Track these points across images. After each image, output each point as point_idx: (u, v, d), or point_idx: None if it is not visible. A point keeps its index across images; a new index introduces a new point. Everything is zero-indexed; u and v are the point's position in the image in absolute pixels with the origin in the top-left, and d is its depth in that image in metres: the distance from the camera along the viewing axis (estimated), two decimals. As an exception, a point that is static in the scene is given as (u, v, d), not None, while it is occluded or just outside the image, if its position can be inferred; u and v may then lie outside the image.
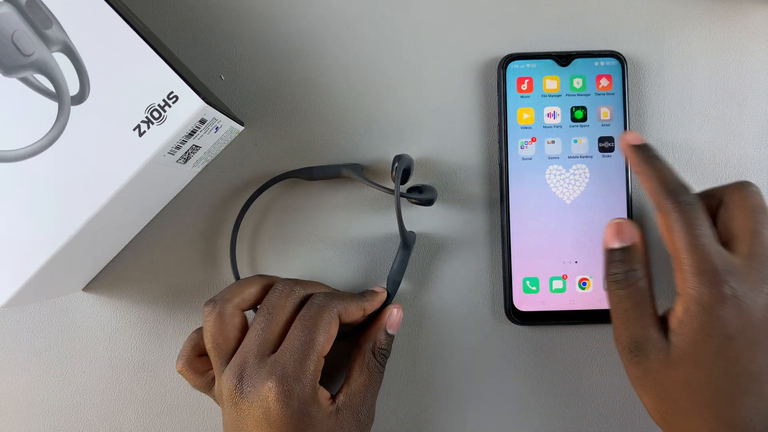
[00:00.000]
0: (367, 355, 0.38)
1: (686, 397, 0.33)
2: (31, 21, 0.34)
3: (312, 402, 0.34)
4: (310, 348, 0.34)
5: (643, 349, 0.34)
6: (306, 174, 0.41)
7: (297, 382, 0.34)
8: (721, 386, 0.32)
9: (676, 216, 0.34)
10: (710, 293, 0.32)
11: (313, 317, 0.35)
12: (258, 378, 0.34)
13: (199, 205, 0.42)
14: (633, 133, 0.37)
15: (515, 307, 0.41)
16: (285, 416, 0.33)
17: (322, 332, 0.35)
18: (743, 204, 0.35)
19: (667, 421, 0.34)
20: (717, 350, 0.32)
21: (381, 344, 0.38)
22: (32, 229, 0.34)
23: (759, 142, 0.42)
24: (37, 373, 0.42)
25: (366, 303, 0.38)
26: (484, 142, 0.42)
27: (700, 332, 0.32)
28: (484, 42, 0.42)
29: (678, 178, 0.35)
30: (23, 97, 0.34)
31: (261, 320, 0.36)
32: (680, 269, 0.33)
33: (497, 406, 0.42)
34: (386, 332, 0.39)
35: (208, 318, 0.36)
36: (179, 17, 0.42)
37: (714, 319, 0.32)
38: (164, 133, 0.34)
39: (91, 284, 0.42)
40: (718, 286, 0.32)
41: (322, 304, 0.36)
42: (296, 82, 0.42)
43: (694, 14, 0.42)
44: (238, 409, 0.34)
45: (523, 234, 0.41)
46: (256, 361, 0.34)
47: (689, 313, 0.33)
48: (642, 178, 0.36)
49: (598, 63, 0.41)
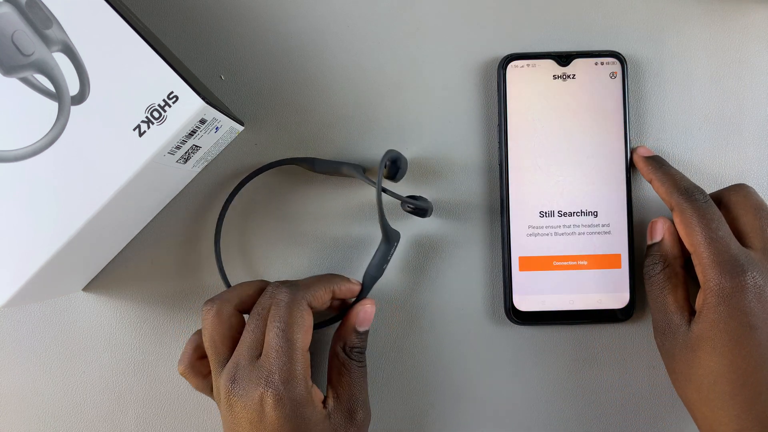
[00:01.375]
0: (341, 356, 0.37)
1: (709, 386, 0.34)
2: (31, 21, 0.34)
3: (306, 403, 0.34)
4: (290, 348, 0.34)
5: (666, 334, 0.36)
6: (308, 164, 0.41)
7: (287, 386, 0.33)
8: (744, 375, 0.33)
9: (691, 213, 0.35)
10: (731, 284, 0.33)
11: (284, 316, 0.35)
12: (249, 382, 0.34)
13: (199, 205, 0.42)
14: (644, 147, 0.40)
15: (515, 307, 0.41)
16: (279, 420, 0.33)
17: (297, 329, 0.34)
18: (746, 203, 0.36)
19: (696, 414, 0.35)
20: (738, 338, 0.33)
21: (352, 343, 0.38)
22: (32, 229, 0.34)
23: (759, 142, 0.42)
24: (37, 373, 0.42)
25: (334, 285, 0.37)
26: (484, 142, 0.42)
27: (718, 321, 0.33)
28: (484, 42, 0.42)
29: (690, 181, 0.37)
30: (23, 97, 0.34)
31: (251, 322, 0.36)
32: (700, 263, 0.35)
33: (497, 406, 0.42)
34: (356, 331, 0.38)
35: (207, 317, 0.36)
36: (179, 17, 0.42)
37: (733, 309, 0.33)
38: (164, 133, 0.34)
39: (91, 284, 0.42)
40: (739, 276, 0.33)
41: (289, 300, 0.35)
42: (296, 82, 0.42)
43: (694, 14, 0.42)
44: (233, 411, 0.34)
45: (523, 234, 0.41)
46: (247, 364, 0.34)
47: (708, 303, 0.34)
48: (656, 183, 0.38)
49: (598, 63, 0.41)
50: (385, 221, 0.38)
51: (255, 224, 0.42)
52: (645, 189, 0.42)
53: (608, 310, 0.41)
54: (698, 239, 0.35)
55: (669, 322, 0.36)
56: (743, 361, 0.33)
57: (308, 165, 0.41)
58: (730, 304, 0.33)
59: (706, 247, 0.34)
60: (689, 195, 0.36)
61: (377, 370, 0.42)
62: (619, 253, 0.40)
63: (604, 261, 0.40)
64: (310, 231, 0.42)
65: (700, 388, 0.34)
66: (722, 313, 0.33)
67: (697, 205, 0.36)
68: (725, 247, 0.34)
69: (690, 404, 0.36)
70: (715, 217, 0.35)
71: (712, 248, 0.34)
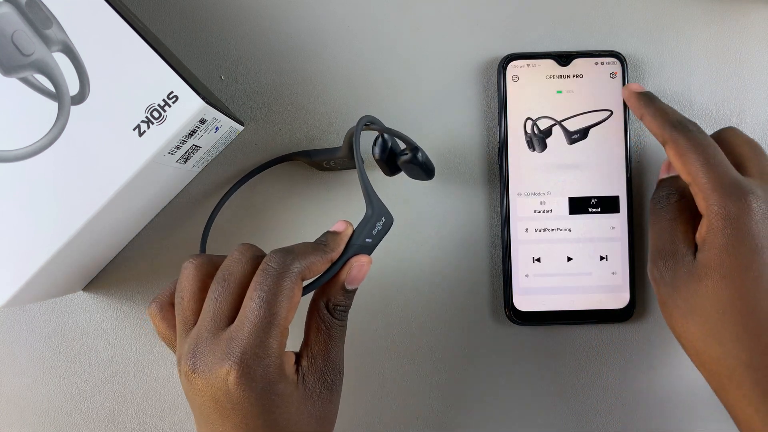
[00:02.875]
0: (322, 312, 0.33)
1: (717, 316, 0.32)
2: (31, 21, 0.34)
3: (278, 380, 0.30)
4: (270, 322, 0.30)
5: (669, 264, 0.35)
6: (305, 156, 0.40)
7: (259, 363, 0.30)
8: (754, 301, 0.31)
9: (686, 142, 0.34)
10: (736, 205, 0.32)
11: (272, 286, 0.30)
12: (213, 356, 0.30)
13: (199, 206, 0.42)
14: (636, 84, 0.39)
15: (515, 307, 0.41)
16: (249, 399, 0.30)
17: (283, 303, 0.30)
18: (738, 138, 0.36)
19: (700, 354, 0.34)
20: (746, 263, 0.32)
21: (336, 300, 0.33)
22: (32, 229, 0.34)
23: (759, 141, 0.42)
24: (37, 373, 0.42)
25: (331, 253, 0.33)
26: (484, 142, 0.42)
27: (726, 246, 0.32)
28: (484, 42, 0.42)
29: (682, 114, 0.36)
30: (23, 97, 0.34)
31: (215, 288, 0.31)
32: (701, 190, 0.33)
33: (497, 405, 0.42)
34: (344, 288, 0.33)
35: (185, 270, 0.33)
36: (179, 17, 0.42)
37: (740, 232, 0.32)
38: (164, 133, 0.34)
39: (91, 284, 0.42)
40: (743, 197, 0.32)
41: (280, 269, 0.31)
42: (296, 82, 0.42)
43: (694, 14, 0.42)
44: (195, 389, 0.31)
45: (523, 234, 0.41)
46: (210, 337, 0.30)
47: (713, 229, 0.33)
48: (648, 118, 0.37)
49: (599, 63, 0.41)
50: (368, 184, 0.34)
51: (254, 224, 0.42)
52: (645, 189, 0.42)
53: (608, 310, 0.41)
54: (696, 166, 0.33)
55: (675, 251, 0.35)
56: (753, 285, 0.31)
57: (305, 158, 0.41)
58: (737, 226, 0.32)
59: (706, 173, 0.33)
60: (683, 126, 0.35)
61: (377, 371, 0.42)
62: (619, 252, 0.40)
63: (605, 261, 0.40)
64: (310, 230, 0.42)
65: (706, 321, 0.33)
66: (729, 236, 0.32)
67: (692, 135, 0.34)
68: (725, 171, 0.33)
69: (691, 340, 0.34)
70: (711, 145, 0.34)
71: (713, 173, 0.33)
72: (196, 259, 0.33)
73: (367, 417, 0.42)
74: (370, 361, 0.42)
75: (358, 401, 0.42)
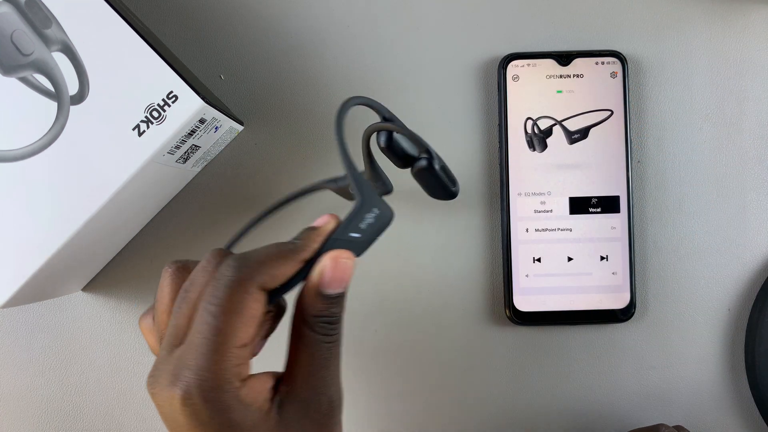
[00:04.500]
0: (298, 326, 0.28)
1: None
2: (31, 21, 0.34)
3: (234, 408, 0.26)
4: (220, 342, 0.25)
5: None
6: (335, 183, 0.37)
7: (209, 388, 0.25)
8: None
9: None
10: None
11: (222, 299, 0.26)
12: (165, 377, 0.26)
13: (199, 205, 0.42)
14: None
15: (515, 307, 0.41)
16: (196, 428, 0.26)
17: (236, 317, 0.26)
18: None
19: None
20: None
21: (315, 310, 0.28)
22: (32, 229, 0.34)
23: (759, 142, 0.42)
24: (37, 373, 0.42)
25: (303, 252, 0.28)
26: (485, 141, 0.42)
27: None
28: (484, 42, 0.42)
29: None
30: (22, 97, 0.34)
31: (177, 304, 0.27)
32: None
33: (497, 406, 0.42)
34: (321, 294, 0.28)
35: (161, 280, 0.29)
36: (179, 17, 0.42)
37: None
38: (164, 132, 0.34)
39: (91, 284, 0.42)
40: None
41: (234, 277, 0.26)
42: (296, 82, 0.42)
43: (694, 14, 0.42)
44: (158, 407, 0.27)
45: (523, 234, 0.41)
46: (165, 354, 0.27)
47: None
48: None
49: (599, 62, 0.41)
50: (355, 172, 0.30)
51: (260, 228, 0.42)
52: (646, 189, 0.42)
53: (608, 311, 0.41)
54: None
55: None
56: None
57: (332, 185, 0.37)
58: None
59: None
60: None
61: (376, 372, 0.42)
62: (619, 252, 0.40)
63: (605, 261, 0.40)
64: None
65: None
66: None
67: None
68: None
69: None
70: None
71: None
72: (171, 266, 0.29)
73: (367, 417, 0.42)
74: (369, 361, 0.42)
75: (358, 401, 0.42)
